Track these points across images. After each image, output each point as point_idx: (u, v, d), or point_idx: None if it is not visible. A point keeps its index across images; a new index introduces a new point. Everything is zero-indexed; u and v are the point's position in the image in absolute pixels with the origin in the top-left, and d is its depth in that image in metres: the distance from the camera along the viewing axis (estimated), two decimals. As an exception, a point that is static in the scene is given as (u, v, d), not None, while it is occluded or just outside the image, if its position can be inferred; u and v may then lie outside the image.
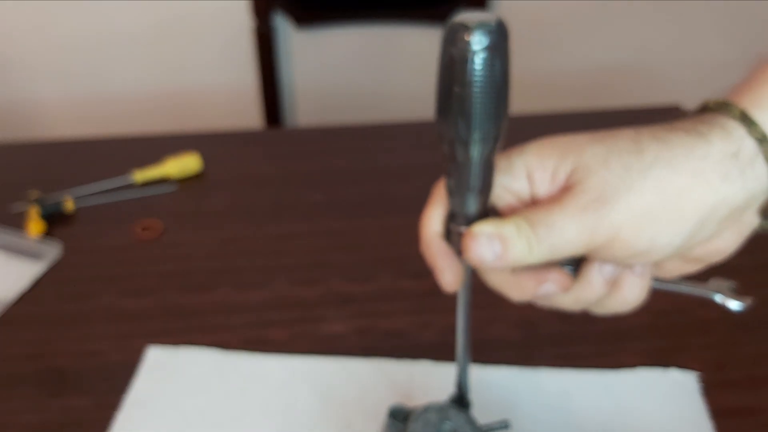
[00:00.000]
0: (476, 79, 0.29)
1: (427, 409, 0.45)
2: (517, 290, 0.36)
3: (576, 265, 0.36)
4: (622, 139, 0.33)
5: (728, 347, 0.61)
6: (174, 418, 0.56)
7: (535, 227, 0.32)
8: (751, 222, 0.35)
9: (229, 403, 0.57)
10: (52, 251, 0.72)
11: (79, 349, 0.62)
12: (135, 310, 0.66)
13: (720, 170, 0.31)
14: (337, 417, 0.56)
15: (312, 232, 0.76)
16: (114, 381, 0.59)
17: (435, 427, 0.44)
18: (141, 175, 0.83)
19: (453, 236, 0.35)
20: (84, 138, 0.94)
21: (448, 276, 0.37)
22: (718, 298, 0.37)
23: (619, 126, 0.34)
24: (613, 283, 0.35)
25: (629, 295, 0.35)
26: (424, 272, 0.69)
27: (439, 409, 0.45)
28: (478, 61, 0.28)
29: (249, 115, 1.55)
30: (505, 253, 0.33)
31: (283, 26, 1.44)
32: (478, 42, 0.28)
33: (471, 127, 0.30)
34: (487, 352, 0.61)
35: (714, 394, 0.57)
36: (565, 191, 0.33)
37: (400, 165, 0.86)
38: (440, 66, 0.30)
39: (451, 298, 0.69)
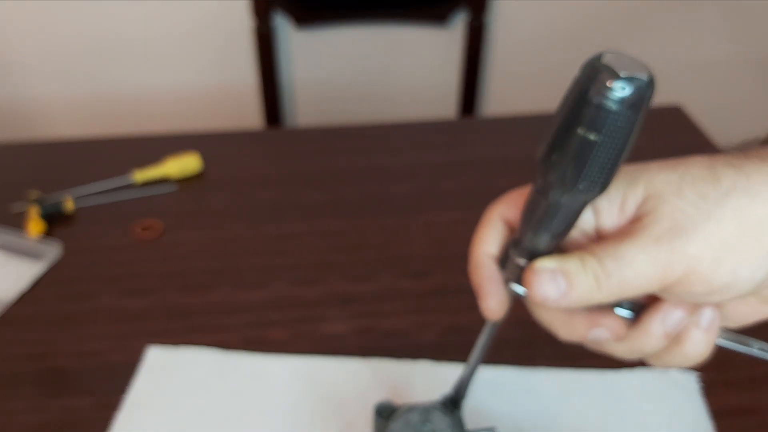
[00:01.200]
0: (607, 129, 0.26)
1: (411, 409, 0.45)
2: (567, 330, 0.34)
3: (638, 311, 0.33)
4: (696, 166, 0.31)
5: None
6: (174, 418, 0.56)
7: (602, 261, 0.30)
8: None
9: (229, 403, 0.57)
10: (52, 251, 0.72)
11: (79, 349, 0.62)
12: (135, 310, 0.66)
13: None
14: (337, 417, 0.56)
15: (312, 232, 0.76)
16: (114, 381, 0.59)
17: (414, 428, 0.44)
18: (141, 175, 0.83)
19: (510, 265, 0.33)
20: (84, 138, 0.94)
21: (493, 303, 0.35)
22: None
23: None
24: (675, 337, 0.33)
25: (691, 351, 0.33)
26: (424, 272, 0.70)
27: (423, 410, 0.45)
28: (616, 111, 0.26)
29: (249, 115, 1.56)
30: (570, 290, 0.30)
31: (283, 26, 1.44)
32: (621, 90, 0.25)
33: (581, 176, 0.28)
34: (487, 351, 0.61)
35: (714, 394, 0.57)
36: (635, 222, 0.31)
37: (400, 165, 0.86)
38: (567, 101, 0.27)
39: (451, 299, 0.69)
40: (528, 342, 0.62)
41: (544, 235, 0.31)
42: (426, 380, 0.58)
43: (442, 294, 0.67)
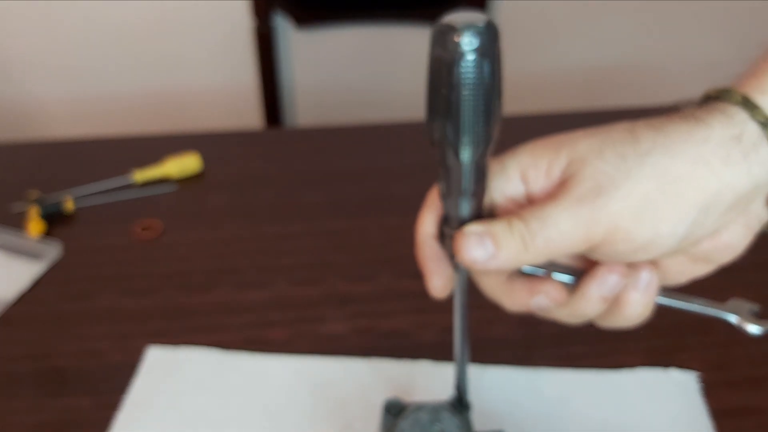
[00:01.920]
0: (465, 81, 0.28)
1: (420, 408, 0.45)
2: (510, 300, 0.35)
3: (578, 276, 0.34)
4: (617, 130, 0.32)
5: (728, 347, 0.61)
6: (174, 418, 0.56)
7: (528, 222, 0.31)
8: (758, 215, 0.33)
9: (229, 403, 0.57)
10: (52, 251, 0.72)
11: (79, 349, 0.62)
12: (135, 310, 0.66)
13: (721, 154, 0.30)
14: (337, 417, 0.56)
15: (312, 232, 0.76)
16: (114, 381, 0.59)
17: (424, 427, 0.44)
18: (141, 175, 0.83)
19: (446, 240, 0.34)
20: (84, 138, 0.94)
21: (437, 281, 0.36)
22: (734, 320, 0.34)
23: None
24: (615, 300, 0.34)
25: (631, 312, 0.34)
26: (424, 272, 0.69)
27: (432, 410, 0.45)
28: (466, 63, 0.27)
29: (249, 115, 1.56)
30: (497, 251, 0.31)
31: (283, 26, 1.44)
32: (466, 44, 0.27)
33: (460, 131, 0.29)
34: (487, 352, 0.61)
35: (714, 394, 0.57)
36: (560, 186, 0.32)
37: (400, 165, 0.86)
38: (429, 68, 0.29)
39: (452, 299, 0.69)
40: (528, 342, 0.62)
41: (461, 199, 0.32)
42: (426, 380, 0.58)
43: (442, 294, 0.67)
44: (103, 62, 1.46)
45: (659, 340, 0.62)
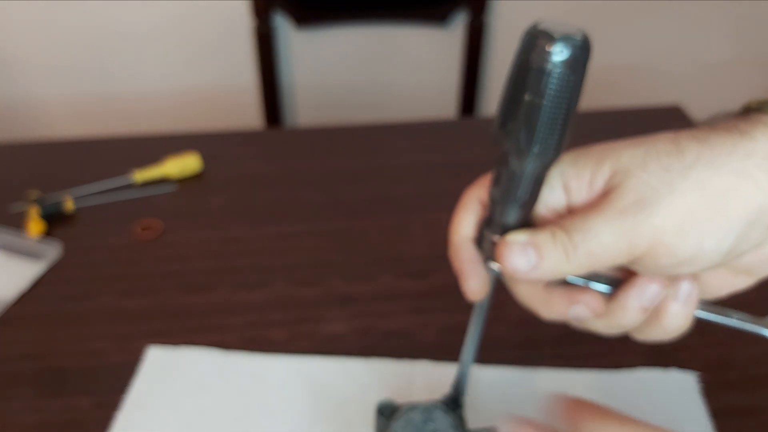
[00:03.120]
0: (550, 91, 0.27)
1: (413, 408, 0.45)
2: (547, 309, 0.34)
3: (616, 286, 0.34)
4: (661, 141, 0.31)
5: (728, 347, 0.61)
6: (174, 418, 0.56)
7: (570, 234, 0.30)
8: None
9: (229, 403, 0.57)
10: (52, 251, 0.72)
11: (79, 349, 0.62)
12: (135, 310, 0.66)
13: (766, 167, 0.29)
14: (336, 417, 0.56)
15: (312, 232, 0.76)
16: (114, 381, 0.59)
17: (417, 428, 0.44)
18: (141, 175, 0.83)
19: (485, 243, 0.34)
20: (84, 138, 0.94)
21: (474, 283, 0.35)
22: None
23: (620, 125, 0.33)
24: (654, 311, 0.33)
25: (670, 323, 0.33)
26: (424, 272, 0.70)
27: (425, 409, 0.45)
28: (557, 73, 0.27)
29: (249, 115, 1.56)
30: (540, 261, 0.31)
31: (283, 26, 1.44)
32: (559, 53, 0.27)
33: (533, 140, 0.29)
34: (487, 352, 0.61)
35: (714, 394, 0.57)
36: (603, 197, 0.31)
37: (400, 165, 0.86)
38: (512, 71, 0.29)
39: (452, 299, 0.69)
40: (528, 342, 0.62)
41: (511, 206, 0.32)
42: (426, 380, 0.58)
43: (442, 294, 0.67)
44: (104, 62, 1.46)
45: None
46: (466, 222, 0.35)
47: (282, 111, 1.50)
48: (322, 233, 0.76)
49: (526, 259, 0.31)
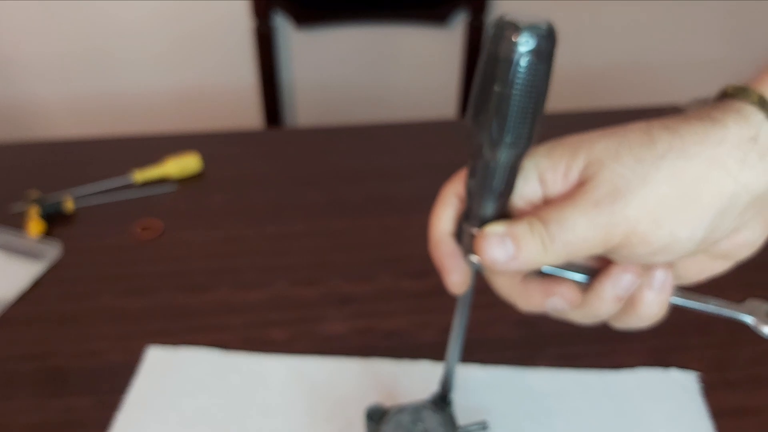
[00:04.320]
0: (518, 80, 0.28)
1: (401, 410, 0.45)
2: (524, 300, 0.35)
3: (593, 275, 0.34)
4: (633, 131, 0.32)
5: (728, 347, 0.61)
6: (174, 418, 0.56)
7: (547, 225, 0.31)
8: None
9: (229, 403, 0.57)
10: (52, 251, 0.72)
11: (79, 349, 0.62)
12: (135, 310, 0.66)
13: (737, 155, 0.30)
14: (337, 417, 0.56)
15: (312, 232, 0.76)
16: (114, 381, 0.59)
17: (406, 429, 0.44)
18: (141, 175, 0.83)
19: (465, 236, 0.34)
20: (84, 138, 0.94)
21: (456, 277, 0.36)
22: (750, 321, 0.34)
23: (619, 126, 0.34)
24: (629, 300, 0.34)
25: (645, 311, 0.34)
26: (424, 272, 0.70)
27: (414, 410, 0.45)
28: (524, 63, 0.27)
29: (249, 115, 1.56)
30: (518, 252, 0.31)
31: (283, 26, 1.44)
32: (525, 43, 0.27)
33: (505, 129, 0.29)
34: (487, 352, 0.61)
35: (714, 394, 0.57)
36: (577, 188, 0.32)
37: (400, 165, 0.86)
38: (481, 63, 0.29)
39: (451, 299, 0.69)
40: (528, 342, 0.62)
41: (488, 198, 0.32)
42: (426, 380, 0.58)
43: (442, 294, 0.67)
44: (104, 62, 1.46)
45: (659, 340, 0.62)
46: (445, 217, 0.35)
47: (282, 111, 1.50)
48: (322, 233, 0.76)
49: (504, 250, 0.31)
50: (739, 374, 0.59)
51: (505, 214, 0.33)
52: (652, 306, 0.34)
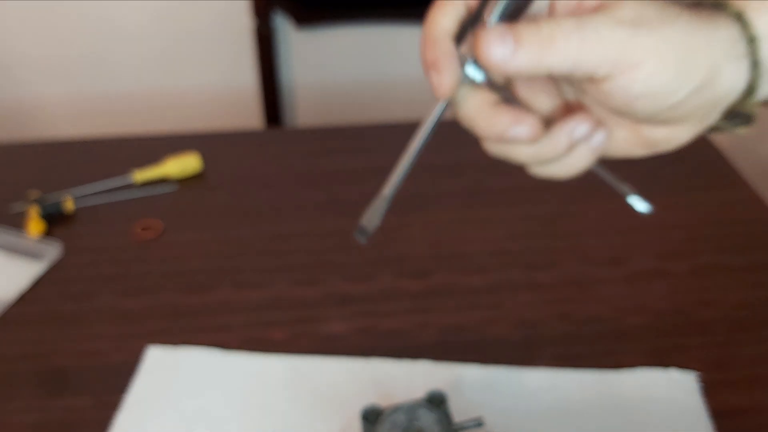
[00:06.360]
0: None
1: (396, 409, 0.45)
2: (488, 125, 0.34)
3: (510, 99, 0.34)
4: None
5: (728, 347, 0.61)
6: (174, 418, 0.56)
7: (559, 21, 0.30)
8: (712, 120, 0.34)
9: (229, 403, 0.57)
10: (52, 251, 0.72)
11: (79, 349, 0.62)
12: (135, 310, 0.66)
13: (725, 47, 0.31)
14: (337, 417, 0.56)
15: (312, 232, 0.76)
16: (114, 381, 0.59)
17: (402, 428, 0.44)
18: (141, 175, 0.83)
19: (468, 40, 0.33)
20: (84, 138, 0.94)
21: (447, 78, 0.34)
22: (632, 197, 0.36)
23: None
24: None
25: (575, 163, 0.34)
26: (424, 272, 0.70)
27: (409, 409, 0.45)
28: None
29: (249, 115, 1.55)
30: (518, 48, 0.30)
31: (283, 26, 1.44)
32: None
33: None
34: (487, 352, 0.61)
35: (714, 394, 0.57)
36: (598, 8, 0.31)
37: (400, 165, 0.86)
38: None
39: (451, 299, 0.69)
40: (528, 342, 0.62)
41: (505, 2, 0.31)
42: (426, 380, 0.58)
43: (442, 294, 0.67)
44: (103, 62, 1.46)
45: (659, 340, 0.62)
46: (449, 15, 0.34)
47: (282, 111, 1.50)
48: (322, 233, 0.76)
49: (503, 47, 0.30)
50: (739, 374, 0.59)
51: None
52: (581, 159, 0.34)
